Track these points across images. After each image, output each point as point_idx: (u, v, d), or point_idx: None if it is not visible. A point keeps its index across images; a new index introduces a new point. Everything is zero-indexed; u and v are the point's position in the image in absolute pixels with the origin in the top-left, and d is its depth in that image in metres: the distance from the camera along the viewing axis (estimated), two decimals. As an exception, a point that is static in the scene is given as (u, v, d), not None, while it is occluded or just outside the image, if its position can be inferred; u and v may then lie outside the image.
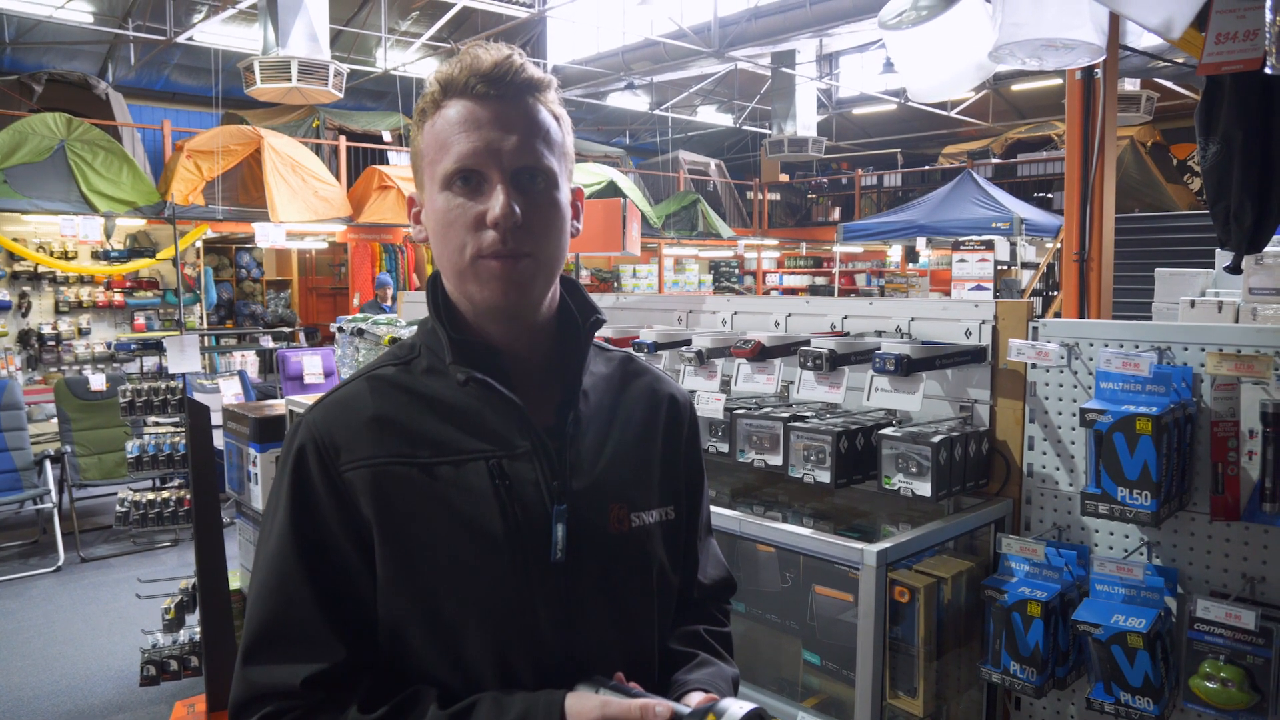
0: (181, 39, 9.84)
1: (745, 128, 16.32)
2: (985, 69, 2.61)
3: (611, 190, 11.86)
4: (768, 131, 13.80)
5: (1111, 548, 2.00)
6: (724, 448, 2.32)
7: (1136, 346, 1.92)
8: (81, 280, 9.59)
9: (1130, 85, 9.60)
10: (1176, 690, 1.80)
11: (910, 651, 1.95)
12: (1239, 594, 1.80)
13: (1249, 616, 1.68)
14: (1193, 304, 3.34)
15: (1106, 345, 1.95)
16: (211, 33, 10.48)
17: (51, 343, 9.22)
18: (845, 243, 12.45)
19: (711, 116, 16.93)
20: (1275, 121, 2.05)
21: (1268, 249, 2.71)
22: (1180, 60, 6.80)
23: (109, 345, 9.53)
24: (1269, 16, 1.29)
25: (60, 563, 6.01)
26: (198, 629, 3.87)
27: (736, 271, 16.58)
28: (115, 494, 5.13)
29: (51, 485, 6.32)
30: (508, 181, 1.03)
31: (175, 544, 6.45)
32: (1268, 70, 1.37)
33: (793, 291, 16.28)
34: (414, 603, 1.03)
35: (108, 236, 8.26)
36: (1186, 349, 1.87)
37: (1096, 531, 2.02)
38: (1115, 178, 3.16)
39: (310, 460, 1.05)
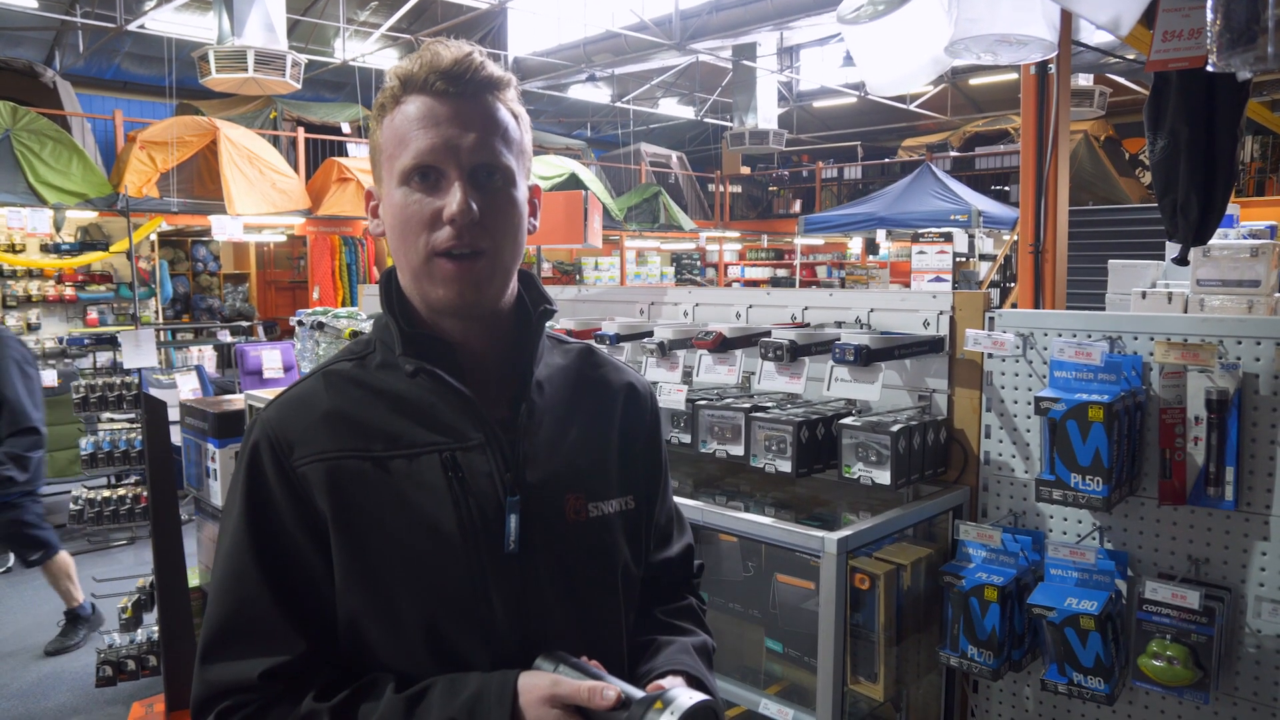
0: (132, 27, 9.60)
1: (706, 120, 16.35)
2: (942, 63, 2.64)
3: (573, 182, 11.83)
4: (729, 124, 13.84)
5: (1065, 533, 2.05)
6: (686, 439, 2.34)
7: (1089, 336, 1.96)
8: (30, 274, 9.35)
9: (1084, 80, 9.79)
10: (1126, 669, 1.86)
11: (871, 637, 1.99)
12: (1185, 575, 1.86)
13: (1193, 596, 1.74)
14: (1144, 295, 3.42)
15: (1060, 335, 2.00)
16: (164, 20, 10.24)
17: (-1, 338, 8.97)
18: (806, 235, 12.53)
19: (673, 109, 16.95)
20: (1219, 117, 2.11)
21: (1214, 241, 2.79)
22: (1131, 56, 6.95)
23: (60, 340, 9.28)
24: (1209, 16, 1.33)
25: (10, 563, 5.87)
26: (156, 628, 3.81)
27: (698, 264, 16.63)
28: (68, 492, 5.02)
29: None
30: (465, 178, 1.04)
31: (132, 542, 6.34)
32: (1209, 68, 1.41)
33: (754, 283, 16.36)
34: (369, 594, 1.03)
35: (57, 229, 8.06)
36: (1136, 338, 1.92)
37: (1051, 517, 2.07)
38: (1069, 171, 3.23)
39: (264, 457, 1.05)
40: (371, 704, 0.98)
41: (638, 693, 0.93)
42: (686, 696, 0.90)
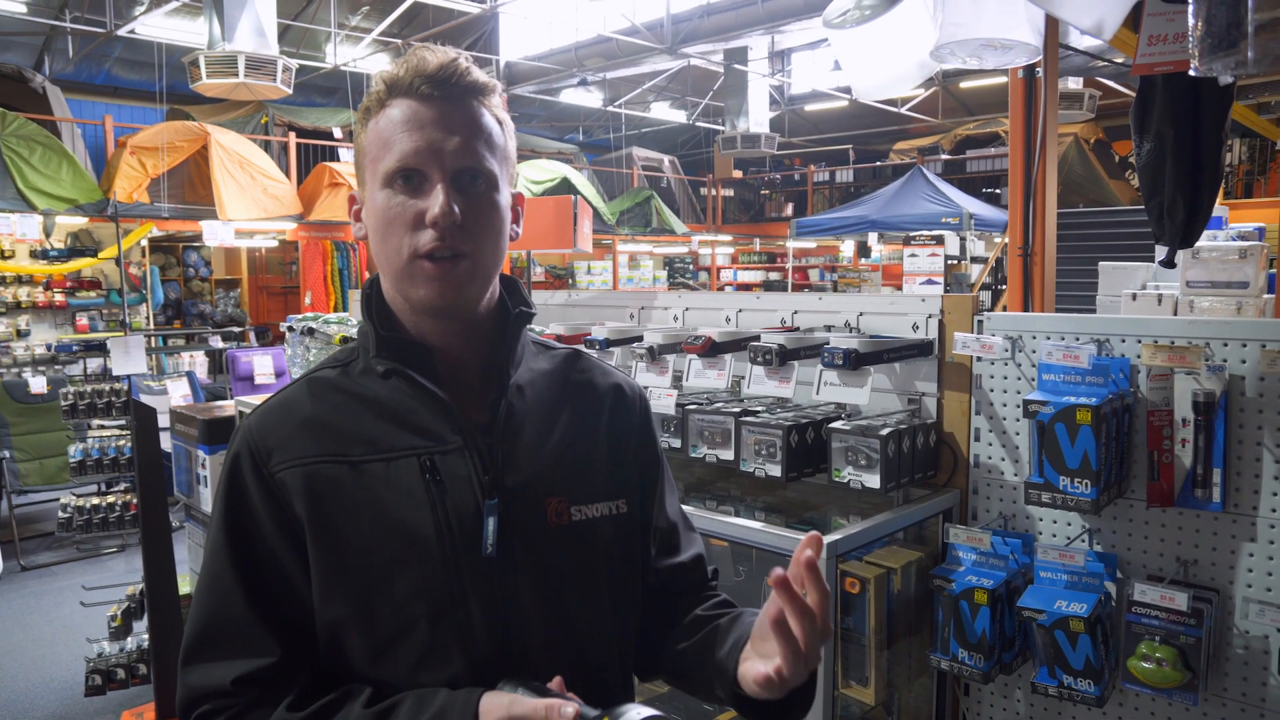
0: (122, 32, 9.56)
1: (699, 124, 16.36)
2: (927, 67, 2.65)
3: (565, 187, 11.82)
4: (721, 128, 13.86)
5: (1055, 535, 2.05)
6: (676, 443, 2.34)
7: (1077, 339, 1.97)
8: (20, 280, 9.30)
9: (1074, 84, 9.82)
10: (1116, 671, 1.86)
11: (861, 641, 1.99)
12: (1173, 577, 1.87)
13: (1182, 598, 1.75)
14: (1134, 297, 3.43)
15: (1048, 338, 2.00)
16: (154, 25, 10.21)
17: (-12, 345, 8.93)
18: (798, 238, 12.57)
19: (665, 113, 16.96)
20: (1204, 120, 2.12)
21: (1202, 243, 2.80)
22: (1120, 60, 6.98)
23: (49, 347, 9.24)
24: (1191, 21, 1.34)
25: None
26: (146, 636, 3.79)
27: (691, 268, 16.63)
28: (57, 499, 5.00)
29: (-11, 492, 6.14)
30: (448, 181, 1.04)
31: (122, 550, 6.31)
32: (1193, 72, 1.42)
33: (747, 287, 16.38)
34: (347, 600, 1.03)
35: (47, 235, 8.03)
36: (1124, 341, 1.92)
37: (1040, 520, 2.07)
38: (1059, 174, 3.23)
39: (245, 464, 1.07)
40: (341, 715, 0.99)
41: (592, 712, 0.94)
42: (635, 712, 0.92)
